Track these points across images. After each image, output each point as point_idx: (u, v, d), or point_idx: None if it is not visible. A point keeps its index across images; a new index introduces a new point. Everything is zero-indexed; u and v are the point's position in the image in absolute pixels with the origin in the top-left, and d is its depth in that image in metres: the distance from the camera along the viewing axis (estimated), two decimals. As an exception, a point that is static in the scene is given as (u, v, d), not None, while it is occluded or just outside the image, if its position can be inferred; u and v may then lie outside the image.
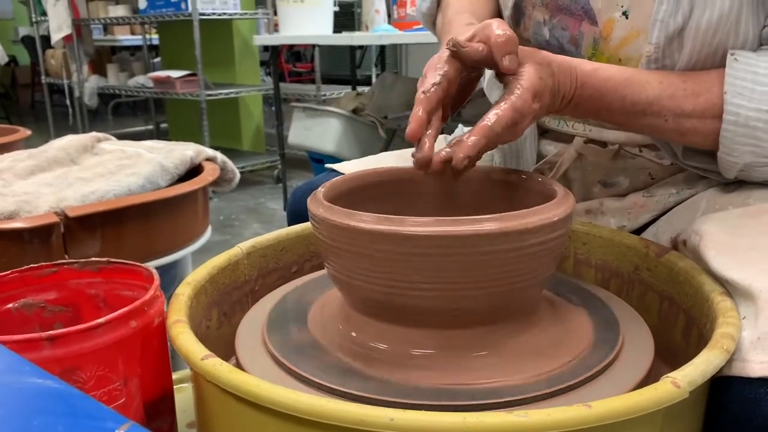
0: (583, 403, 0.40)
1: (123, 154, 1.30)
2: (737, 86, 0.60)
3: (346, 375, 0.51)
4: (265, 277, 0.73)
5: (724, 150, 0.63)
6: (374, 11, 2.87)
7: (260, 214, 3.02)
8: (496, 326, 0.53)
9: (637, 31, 0.67)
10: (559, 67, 0.59)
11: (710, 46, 0.62)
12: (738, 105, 0.60)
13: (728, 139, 0.62)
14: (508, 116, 0.54)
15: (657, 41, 0.64)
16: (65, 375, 0.49)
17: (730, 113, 0.61)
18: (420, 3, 0.89)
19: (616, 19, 0.68)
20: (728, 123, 0.61)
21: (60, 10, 3.90)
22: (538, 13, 0.75)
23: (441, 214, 0.61)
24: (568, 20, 0.72)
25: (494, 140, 0.55)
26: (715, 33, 0.62)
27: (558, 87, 0.59)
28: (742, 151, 0.62)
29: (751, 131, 0.61)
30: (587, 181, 0.78)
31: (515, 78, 0.56)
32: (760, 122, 0.60)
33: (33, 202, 1.03)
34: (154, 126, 4.96)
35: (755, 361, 0.49)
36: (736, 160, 0.63)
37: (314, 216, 0.54)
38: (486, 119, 0.54)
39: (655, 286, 0.66)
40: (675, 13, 0.62)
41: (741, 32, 0.62)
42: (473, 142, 0.54)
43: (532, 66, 0.57)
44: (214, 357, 0.48)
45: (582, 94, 0.61)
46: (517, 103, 0.55)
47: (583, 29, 0.71)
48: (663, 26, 0.63)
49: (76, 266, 0.64)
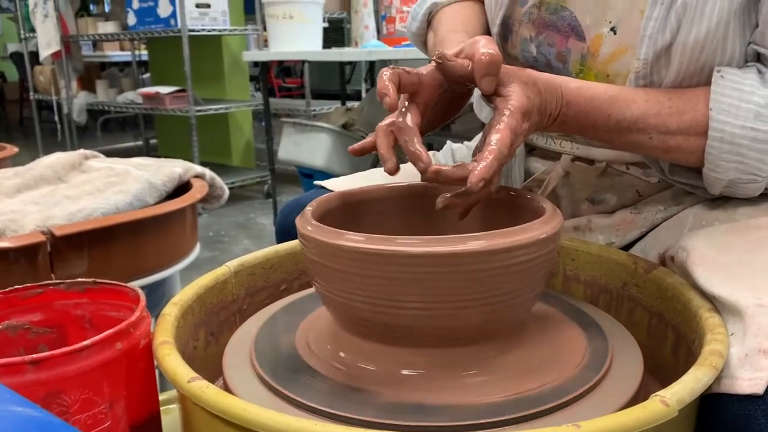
0: (572, 423, 0.40)
1: (111, 171, 1.29)
2: (723, 103, 0.61)
3: (335, 396, 0.50)
4: (254, 295, 0.72)
5: (709, 166, 0.63)
6: (363, 27, 2.89)
7: (250, 229, 3.01)
8: (485, 344, 0.53)
9: (625, 46, 0.67)
10: (545, 86, 0.59)
11: (697, 62, 0.63)
12: (723, 122, 0.61)
13: (713, 155, 0.62)
14: (507, 137, 0.54)
15: (645, 57, 0.64)
16: (49, 399, 0.49)
17: (715, 130, 0.61)
18: (410, 23, 0.88)
19: (604, 35, 0.69)
20: (713, 140, 0.61)
21: (49, 26, 3.89)
22: (525, 30, 0.75)
23: (430, 232, 0.61)
24: (555, 37, 0.72)
25: (502, 162, 0.54)
26: (702, 49, 0.62)
27: (545, 105, 0.59)
28: (726, 167, 0.62)
29: (735, 148, 0.61)
30: (575, 198, 0.78)
31: (504, 99, 0.56)
32: (744, 139, 0.60)
33: (19, 221, 1.02)
34: (143, 142, 4.94)
35: (744, 378, 0.49)
36: (720, 176, 0.63)
37: (302, 235, 0.54)
38: (491, 144, 0.53)
39: (643, 302, 0.66)
40: (663, 30, 0.62)
41: (728, 49, 0.63)
42: (488, 164, 0.52)
43: (519, 86, 0.57)
44: (200, 379, 0.47)
45: (567, 112, 0.62)
46: (511, 123, 0.55)
47: (570, 45, 0.71)
48: (651, 42, 0.63)
49: (62, 287, 0.63)
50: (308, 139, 2.76)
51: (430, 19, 0.86)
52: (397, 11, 2.67)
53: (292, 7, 2.76)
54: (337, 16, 3.56)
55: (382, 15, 2.77)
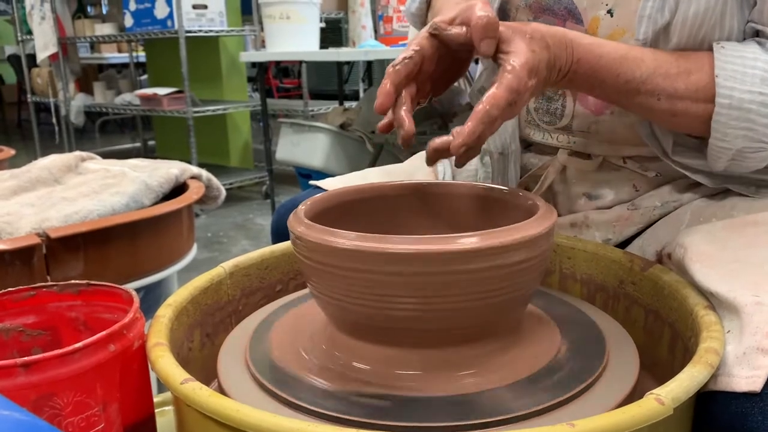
0: (567, 422, 0.40)
1: (107, 173, 1.29)
2: (728, 70, 0.60)
3: (329, 397, 0.50)
4: (249, 296, 0.72)
5: (717, 135, 0.61)
6: (361, 27, 2.89)
7: (248, 230, 3.00)
8: (480, 344, 0.52)
9: (622, 29, 0.67)
10: (553, 40, 0.58)
11: (696, 39, 0.62)
12: (731, 88, 0.59)
13: (721, 123, 0.60)
14: (503, 97, 0.53)
15: (644, 37, 0.63)
16: (41, 402, 0.48)
17: (722, 96, 0.60)
18: (409, 4, 0.88)
19: (601, 18, 0.68)
20: (721, 106, 0.60)
21: (46, 28, 3.89)
22: (522, 15, 0.75)
23: (424, 231, 0.61)
24: (552, 21, 0.72)
25: (492, 124, 0.53)
26: (701, 26, 0.61)
27: (554, 60, 0.58)
28: (735, 135, 0.61)
29: (744, 114, 0.60)
30: (572, 193, 0.78)
31: (507, 56, 0.55)
32: (753, 104, 0.59)
33: (14, 223, 1.01)
34: (141, 143, 4.94)
35: (741, 376, 0.48)
36: (728, 145, 0.62)
37: (295, 234, 0.54)
38: (482, 104, 0.53)
39: (640, 300, 0.66)
40: (662, 8, 0.62)
41: (726, 26, 0.62)
42: (470, 128, 0.52)
43: (523, 41, 0.55)
44: (193, 381, 0.47)
45: (578, 69, 0.60)
46: (512, 82, 0.53)
47: (568, 28, 0.71)
48: (650, 22, 0.62)
49: (56, 289, 0.63)
50: (306, 140, 2.76)
51: (429, 0, 0.85)
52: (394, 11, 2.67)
53: (289, 7, 2.76)
54: (334, 17, 3.56)
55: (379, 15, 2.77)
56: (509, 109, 0.54)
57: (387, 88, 0.56)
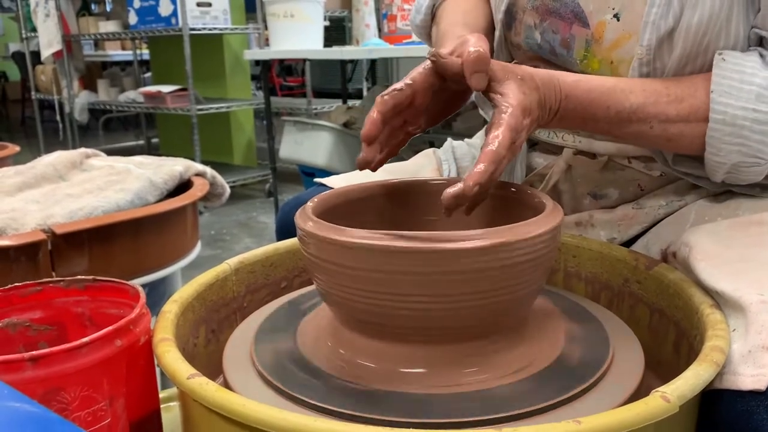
0: (572, 419, 0.40)
1: (112, 170, 1.29)
2: (724, 85, 0.60)
3: (334, 393, 0.50)
4: (254, 293, 0.72)
5: (711, 150, 0.62)
6: (364, 25, 2.89)
7: (252, 228, 3.01)
8: (485, 341, 0.53)
9: (629, 33, 0.67)
10: (541, 80, 0.59)
11: (700, 47, 0.62)
12: (725, 104, 0.60)
13: (715, 138, 0.61)
14: (507, 137, 0.54)
15: (648, 43, 0.64)
16: (48, 396, 0.49)
17: (716, 112, 0.60)
18: (414, 16, 0.88)
19: (607, 22, 0.68)
20: (715, 122, 0.61)
21: (50, 26, 3.89)
22: (528, 17, 0.75)
23: (430, 229, 0.61)
24: (558, 23, 0.72)
25: (500, 163, 0.54)
26: (705, 33, 0.62)
27: (544, 100, 0.59)
28: (729, 150, 0.61)
29: (737, 130, 0.60)
30: (577, 193, 0.78)
31: (501, 97, 0.56)
32: (746, 120, 0.60)
33: (20, 220, 1.02)
34: (145, 141, 4.95)
35: (746, 374, 0.48)
36: (723, 160, 0.62)
37: (302, 231, 0.54)
38: (489, 145, 0.53)
39: (645, 299, 0.66)
40: (666, 15, 0.62)
41: (732, 33, 0.62)
42: (482, 169, 0.52)
43: (514, 82, 0.57)
44: (200, 376, 0.47)
45: (567, 105, 0.61)
46: (511, 122, 0.54)
47: (574, 32, 0.71)
48: (654, 28, 0.63)
49: (62, 284, 0.63)
50: (309, 138, 2.76)
51: (434, 12, 0.85)
52: (398, 9, 2.67)
53: (293, 5, 2.76)
54: (338, 15, 3.56)
55: (383, 13, 2.77)
56: (512, 148, 0.55)
57: (374, 116, 0.58)
